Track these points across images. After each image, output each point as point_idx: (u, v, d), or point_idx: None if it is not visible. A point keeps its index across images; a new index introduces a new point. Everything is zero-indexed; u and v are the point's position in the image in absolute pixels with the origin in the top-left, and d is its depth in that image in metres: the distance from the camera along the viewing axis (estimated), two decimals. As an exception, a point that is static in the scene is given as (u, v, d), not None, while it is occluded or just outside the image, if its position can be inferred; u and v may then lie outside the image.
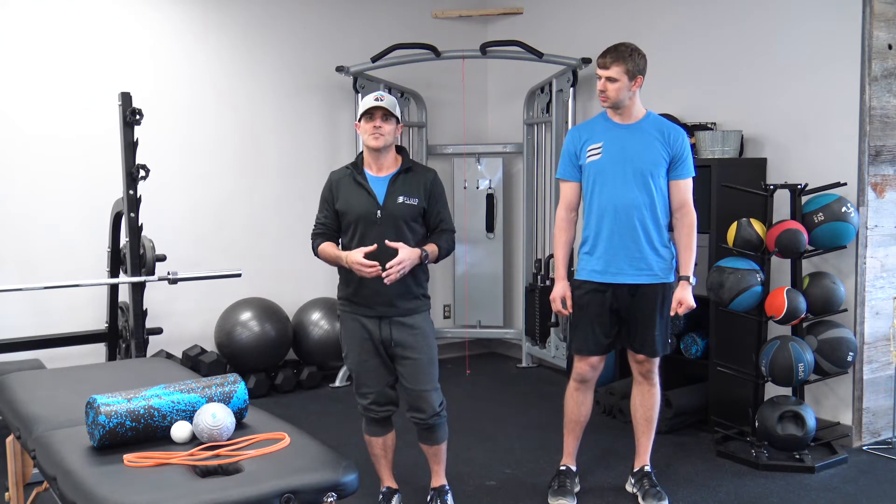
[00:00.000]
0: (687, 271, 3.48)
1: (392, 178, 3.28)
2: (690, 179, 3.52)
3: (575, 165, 3.57)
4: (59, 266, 4.90)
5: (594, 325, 3.55)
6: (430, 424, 3.35)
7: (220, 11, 5.48)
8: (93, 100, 5.03)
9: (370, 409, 3.36)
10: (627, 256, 3.46)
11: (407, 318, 3.29)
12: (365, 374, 3.33)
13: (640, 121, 3.51)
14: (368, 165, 3.32)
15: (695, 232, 3.51)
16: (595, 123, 3.60)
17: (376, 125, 3.21)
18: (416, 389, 3.30)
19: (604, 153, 3.48)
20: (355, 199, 3.27)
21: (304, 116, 5.82)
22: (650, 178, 3.44)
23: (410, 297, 3.30)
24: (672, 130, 3.49)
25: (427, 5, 6.24)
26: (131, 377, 3.14)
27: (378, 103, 3.20)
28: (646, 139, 3.47)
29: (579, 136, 3.57)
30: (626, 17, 5.40)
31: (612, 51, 3.43)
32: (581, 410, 3.67)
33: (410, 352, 3.29)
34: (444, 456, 3.47)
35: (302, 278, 5.79)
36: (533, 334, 5.93)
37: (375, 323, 3.29)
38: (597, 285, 3.53)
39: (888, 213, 4.26)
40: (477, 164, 6.25)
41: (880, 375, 4.30)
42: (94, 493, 2.11)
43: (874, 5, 4.07)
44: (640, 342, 3.55)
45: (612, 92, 3.43)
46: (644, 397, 3.66)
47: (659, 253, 3.49)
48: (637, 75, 3.42)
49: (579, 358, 3.62)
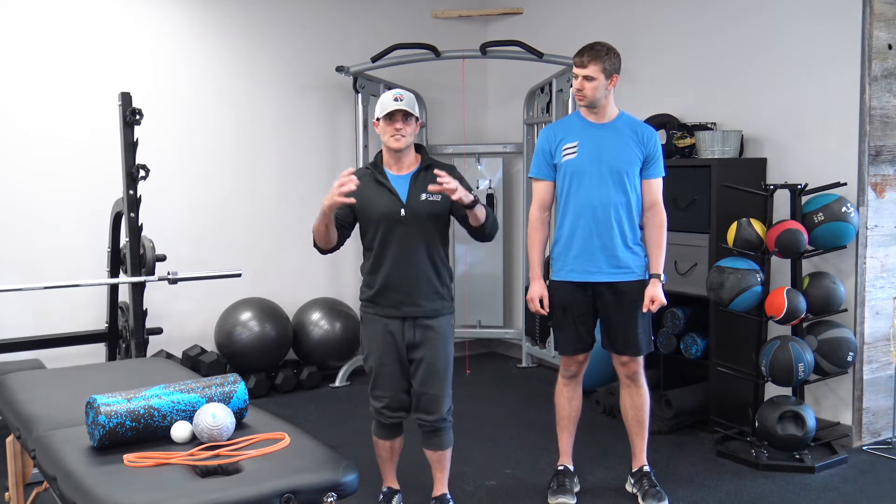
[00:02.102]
0: (658, 269, 3.52)
1: (413, 176, 3.25)
2: (661, 179, 3.57)
3: (549, 164, 3.58)
4: (59, 266, 4.90)
5: (577, 324, 3.58)
6: (435, 428, 3.33)
7: (221, 11, 5.48)
8: (93, 100, 5.03)
9: (382, 412, 3.34)
10: (605, 255, 3.48)
11: (431, 320, 3.25)
12: (382, 376, 3.30)
13: (614, 120, 3.54)
14: (388, 165, 3.28)
15: (665, 230, 3.55)
16: (569, 122, 3.61)
17: (397, 127, 3.16)
18: (428, 393, 3.28)
19: (579, 152, 3.49)
20: (377, 199, 3.22)
21: (304, 116, 5.82)
22: (626, 177, 3.47)
23: (436, 298, 3.26)
24: (645, 130, 3.53)
25: (427, 5, 6.24)
26: (131, 377, 3.14)
27: (398, 105, 3.14)
28: (621, 138, 3.49)
29: (554, 135, 3.58)
30: (626, 17, 5.40)
31: (588, 50, 3.44)
32: (572, 405, 3.70)
33: (427, 354, 3.25)
34: (447, 463, 3.44)
35: (302, 278, 5.80)
36: (533, 334, 5.93)
37: (399, 324, 3.25)
38: (577, 285, 3.54)
39: (888, 213, 4.26)
40: (477, 164, 6.25)
41: (880, 375, 4.30)
42: (94, 493, 2.11)
43: (874, 5, 4.07)
44: (623, 343, 3.56)
45: (589, 91, 3.44)
46: (633, 399, 3.67)
47: (634, 251, 3.52)
48: (613, 74, 3.45)
49: (566, 357, 3.65)
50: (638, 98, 5.21)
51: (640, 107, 5.06)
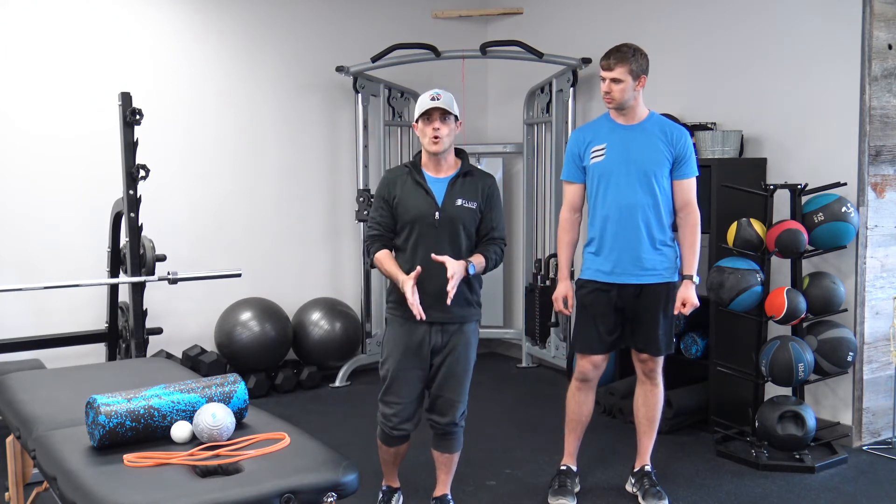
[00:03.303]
0: (691, 270, 3.50)
1: (451, 180, 3.21)
2: (694, 179, 3.54)
3: (579, 167, 3.58)
4: (59, 266, 4.90)
5: (598, 323, 3.56)
6: (447, 431, 3.31)
7: (221, 11, 5.48)
8: (93, 100, 5.03)
9: (390, 420, 3.26)
10: (632, 257, 3.47)
11: (458, 325, 3.22)
12: (398, 381, 3.24)
13: (644, 121, 3.52)
14: (426, 166, 3.24)
15: (699, 231, 3.53)
16: (598, 124, 3.60)
17: (435, 127, 3.11)
18: (444, 396, 3.25)
19: (608, 154, 3.49)
20: (413, 200, 3.19)
21: (304, 116, 5.82)
22: (654, 179, 3.45)
23: (465, 304, 3.22)
24: (675, 130, 3.51)
25: (427, 5, 6.24)
26: (131, 377, 3.14)
27: (435, 104, 3.09)
28: (649, 139, 3.47)
29: (583, 138, 3.58)
30: (626, 17, 5.40)
31: (614, 52, 3.43)
32: (582, 410, 3.67)
33: (450, 359, 3.22)
34: (454, 467, 3.42)
35: (302, 278, 5.80)
36: (533, 334, 5.93)
37: (426, 329, 3.20)
38: (602, 284, 3.53)
39: (888, 213, 4.26)
40: (477, 164, 6.25)
41: (880, 375, 4.30)
42: (94, 493, 2.11)
43: (874, 5, 4.07)
44: (644, 341, 3.55)
45: (617, 93, 3.43)
46: (647, 397, 3.66)
47: (662, 253, 3.50)
48: (640, 75, 3.43)
49: (582, 356, 3.62)
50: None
51: (640, 107, 5.07)
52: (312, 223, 5.90)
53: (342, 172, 5.94)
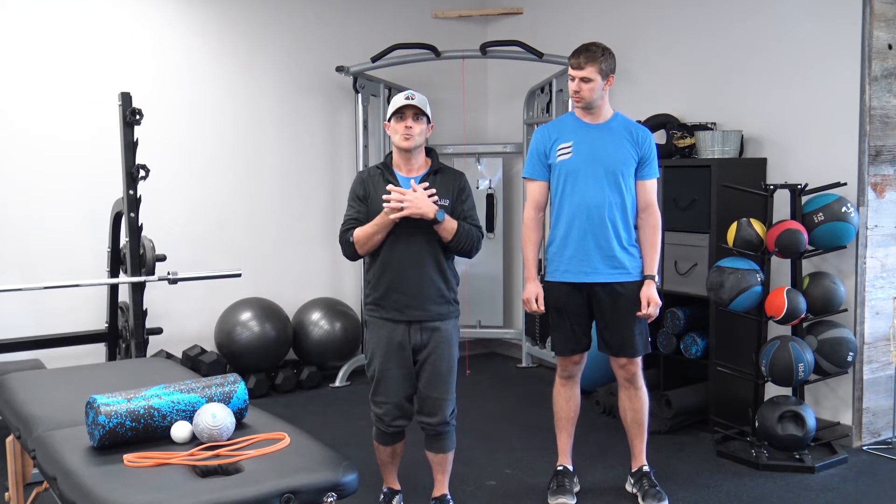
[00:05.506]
0: (652, 270, 3.52)
1: (422, 179, 3.24)
2: (656, 181, 3.57)
3: (544, 164, 3.57)
4: (59, 266, 4.90)
5: (573, 325, 3.58)
6: (438, 432, 3.32)
7: (221, 11, 5.48)
8: (93, 100, 5.03)
9: (383, 419, 3.31)
10: (601, 255, 3.48)
11: (437, 323, 3.24)
12: (384, 381, 3.27)
13: (609, 120, 3.54)
14: (398, 166, 3.28)
15: (660, 232, 3.55)
16: (564, 122, 3.60)
17: (407, 125, 3.16)
18: (431, 396, 3.27)
19: (574, 152, 3.49)
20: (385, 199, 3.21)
21: (304, 116, 5.83)
22: (621, 178, 3.47)
23: (442, 302, 3.25)
24: (640, 131, 3.54)
25: (427, 5, 6.24)
26: (131, 377, 3.14)
27: (409, 101, 3.15)
28: (616, 139, 3.49)
29: (549, 135, 3.57)
30: (626, 17, 5.40)
31: (584, 51, 3.44)
32: (570, 406, 3.70)
33: (432, 358, 3.25)
34: (449, 466, 3.44)
35: (302, 278, 5.80)
36: (533, 334, 5.93)
37: (405, 328, 3.23)
38: (572, 286, 3.54)
39: (888, 213, 4.26)
40: (477, 164, 6.25)
41: (880, 375, 4.30)
42: (94, 493, 2.11)
43: (874, 5, 4.07)
44: (620, 344, 3.56)
45: (586, 92, 3.44)
46: (632, 401, 3.67)
47: (630, 252, 3.52)
48: (609, 74, 3.45)
49: (562, 357, 3.65)
50: (638, 98, 5.21)
51: (640, 107, 5.07)
52: (312, 223, 5.90)
53: (342, 172, 5.94)
